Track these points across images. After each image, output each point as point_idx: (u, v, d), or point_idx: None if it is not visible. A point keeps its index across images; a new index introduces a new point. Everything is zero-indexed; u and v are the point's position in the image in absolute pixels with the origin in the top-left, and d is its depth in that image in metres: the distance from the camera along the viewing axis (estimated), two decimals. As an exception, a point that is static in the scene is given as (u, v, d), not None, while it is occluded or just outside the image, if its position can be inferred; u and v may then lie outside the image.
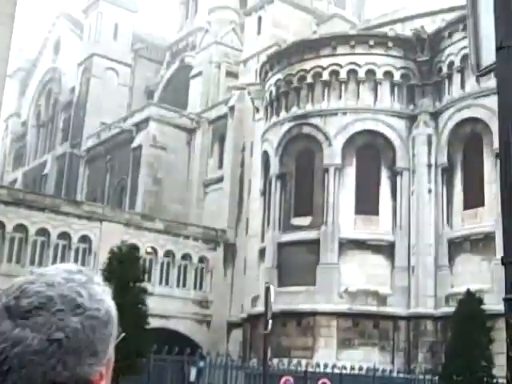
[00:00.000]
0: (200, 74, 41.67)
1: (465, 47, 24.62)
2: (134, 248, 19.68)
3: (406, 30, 29.21)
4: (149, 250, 31.41)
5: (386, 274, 26.08)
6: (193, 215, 37.19)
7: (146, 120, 38.97)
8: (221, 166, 37.27)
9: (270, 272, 27.39)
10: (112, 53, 46.42)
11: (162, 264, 31.93)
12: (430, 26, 28.38)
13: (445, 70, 26.65)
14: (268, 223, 28.76)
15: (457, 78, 26.17)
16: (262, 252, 28.94)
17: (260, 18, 36.80)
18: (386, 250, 26.31)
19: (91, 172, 44.13)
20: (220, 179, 36.25)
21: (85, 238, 30.04)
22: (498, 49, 2.95)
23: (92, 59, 46.20)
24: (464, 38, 24.75)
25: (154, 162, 38.11)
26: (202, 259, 33.31)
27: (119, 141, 40.80)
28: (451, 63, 26.26)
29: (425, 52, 27.49)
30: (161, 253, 31.85)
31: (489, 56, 3.11)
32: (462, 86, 25.91)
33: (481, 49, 3.23)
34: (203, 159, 38.44)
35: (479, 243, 24.08)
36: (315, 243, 26.46)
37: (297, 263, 26.47)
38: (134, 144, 38.91)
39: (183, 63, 46.37)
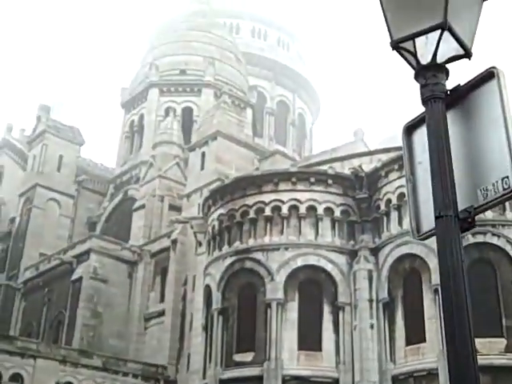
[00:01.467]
0: (143, 206, 41.91)
1: (401, 186, 25.67)
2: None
3: (345, 169, 30.31)
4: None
5: (331, 412, 25.56)
6: (133, 350, 36.17)
7: (87, 252, 38.58)
8: (162, 299, 36.79)
9: (212, 411, 26.51)
10: (55, 184, 46.51)
11: (99, 402, 30.59)
12: (368, 165, 29.59)
13: (383, 207, 27.53)
14: (210, 359, 28.15)
15: (394, 214, 27.02)
16: (203, 389, 28.12)
17: (203, 154, 37.74)
18: (330, 386, 25.92)
19: (27, 305, 42.85)
20: (161, 313, 35.68)
21: (16, 377, 28.69)
22: (437, 217, 3.16)
23: (35, 190, 46.11)
24: (400, 177, 25.87)
25: (94, 294, 37.39)
26: (140, 398, 32.08)
27: (58, 273, 40.06)
28: (388, 201, 27.18)
29: (363, 190, 28.44)
30: (97, 391, 30.61)
31: (428, 221, 3.31)
32: (400, 222, 26.72)
33: (420, 214, 3.43)
34: (144, 292, 37.94)
35: (422, 380, 24.00)
36: (258, 380, 25.89)
37: (239, 400, 25.75)
38: (74, 276, 38.25)
39: (126, 196, 46.68)
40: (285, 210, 28.39)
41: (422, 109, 3.50)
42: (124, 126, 51.74)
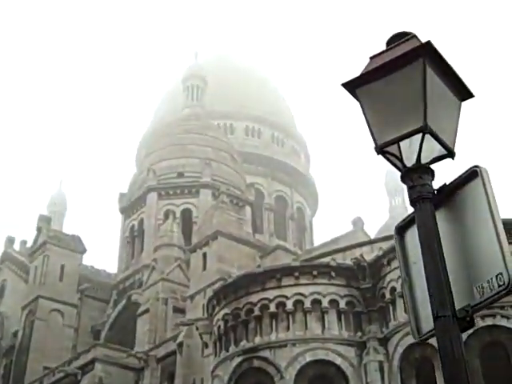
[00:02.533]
0: (147, 311, 41.50)
1: (404, 273, 25.54)
2: None
3: (346, 259, 30.21)
4: None
5: None
6: None
7: (92, 361, 37.87)
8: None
9: None
10: (57, 294, 46.20)
11: None
12: (369, 254, 29.52)
13: (388, 295, 27.27)
14: None
15: (400, 302, 26.73)
16: None
17: (205, 254, 37.71)
18: None
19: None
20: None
21: None
22: (435, 318, 3.18)
23: (37, 301, 45.77)
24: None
25: (100, 405, 36.48)
26: None
27: (64, 386, 39.20)
28: (393, 289, 26.95)
29: (367, 279, 28.26)
30: None
31: (428, 321, 3.34)
32: (406, 310, 26.40)
33: (419, 314, 3.46)
34: (151, 399, 37.03)
35: None
36: None
37: None
38: (80, 388, 37.42)
39: (130, 301, 46.29)
40: (289, 305, 28.11)
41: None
42: (124, 231, 51.95)
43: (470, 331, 24.12)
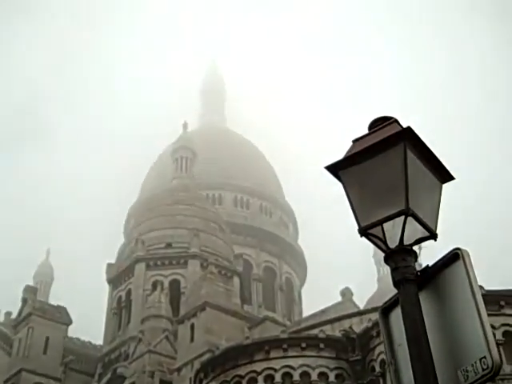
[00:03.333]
0: (133, 384, 40.65)
1: (394, 345, 25.29)
2: None
3: (335, 331, 29.93)
4: None
5: None
6: None
7: None
8: None
9: None
10: (41, 367, 45.13)
11: None
12: (358, 325, 29.31)
13: (378, 368, 26.91)
14: None
15: (390, 376, 26.37)
16: None
17: (193, 326, 37.26)
18: None
19: None
20: None
21: None
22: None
23: (20, 375, 44.68)
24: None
25: None
26: None
27: None
28: (383, 361, 26.59)
29: (356, 351, 27.96)
30: None
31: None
32: None
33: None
34: None
35: None
36: None
37: None
38: None
39: (115, 374, 45.30)
40: (278, 378, 27.67)
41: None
42: (111, 302, 51.36)
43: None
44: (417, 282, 3.52)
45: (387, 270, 70.11)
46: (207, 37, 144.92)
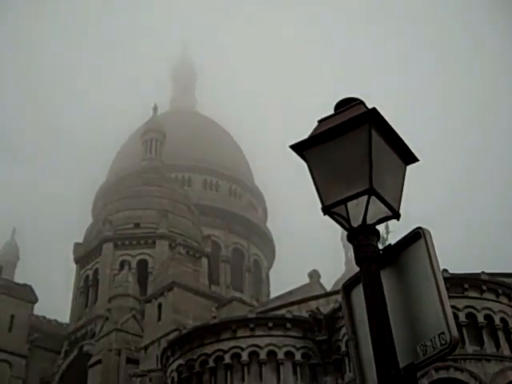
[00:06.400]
0: (99, 362, 40.55)
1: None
2: None
3: (302, 312, 30.21)
4: None
5: None
6: None
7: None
8: None
9: None
10: (6, 344, 44.90)
11: None
12: (325, 306, 29.62)
13: (343, 348, 27.27)
14: None
15: (355, 355, 26.73)
16: None
17: (160, 305, 37.29)
18: None
19: None
20: None
21: None
22: (379, 376, 3.25)
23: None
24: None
25: None
26: None
27: None
28: (349, 341, 26.97)
29: (323, 331, 28.26)
30: None
31: (373, 379, 3.40)
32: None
33: (365, 372, 3.52)
34: None
35: None
36: None
37: None
38: None
39: (82, 351, 45.25)
40: (245, 356, 27.89)
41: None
42: (78, 281, 51.14)
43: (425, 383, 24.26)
44: (379, 261, 3.58)
45: (354, 252, 70.73)
46: (178, 21, 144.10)
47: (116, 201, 52.71)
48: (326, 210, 3.68)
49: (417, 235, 3.53)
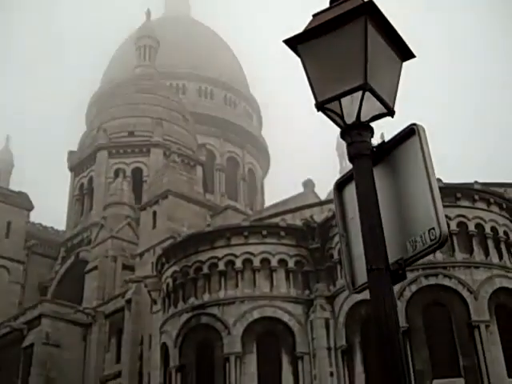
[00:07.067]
0: (96, 268, 41.33)
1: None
2: None
3: (296, 220, 30.53)
4: None
5: None
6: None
7: (39, 317, 37.68)
8: (118, 360, 36.06)
9: None
10: (4, 250, 45.60)
11: None
12: (319, 215, 29.91)
13: (336, 255, 27.72)
14: (168, 420, 27.59)
15: (347, 262, 27.19)
16: None
17: (155, 213, 37.64)
18: None
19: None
20: (118, 374, 34.91)
21: None
22: (369, 271, 3.28)
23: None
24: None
25: (47, 360, 36.36)
26: None
27: (9, 341, 38.93)
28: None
29: (316, 240, 28.65)
30: None
31: (362, 275, 3.44)
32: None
33: (354, 268, 3.56)
34: (100, 354, 37.13)
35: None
36: None
37: None
38: (25, 343, 37.23)
39: (78, 258, 46.03)
40: (238, 263, 28.37)
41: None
42: (73, 189, 51.37)
43: (414, 289, 24.81)
44: (372, 158, 3.55)
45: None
46: None
47: (110, 108, 52.28)
48: (320, 106, 3.61)
49: (411, 132, 3.49)
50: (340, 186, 3.82)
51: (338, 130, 3.70)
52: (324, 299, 27.79)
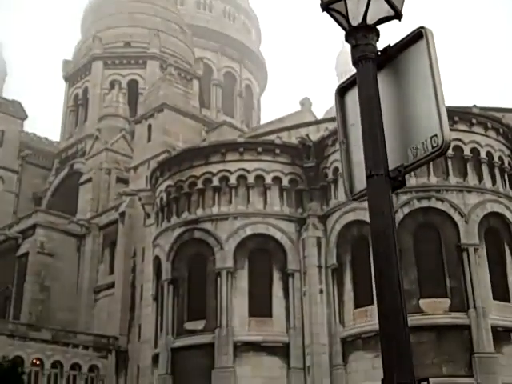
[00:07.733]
0: (90, 180, 41.40)
1: (347, 153, 25.84)
2: (17, 363, 18.77)
3: (292, 138, 30.41)
4: (35, 361, 30.03)
5: (282, 376, 25.97)
6: (82, 323, 36.04)
7: (33, 227, 38.02)
8: (112, 271, 36.64)
9: (165, 379, 26.73)
10: (-2, 160, 45.51)
11: (49, 376, 30.48)
12: (315, 134, 29.75)
13: (330, 175, 27.78)
14: (161, 328, 28.23)
15: (341, 182, 27.20)
16: (155, 358, 28.25)
17: (150, 126, 37.37)
18: (281, 351, 26.30)
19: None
20: (111, 285, 35.54)
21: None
22: (368, 177, 3.21)
23: (-23, 166, 45.07)
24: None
25: (42, 269, 36.94)
26: (92, 368, 32.05)
27: (3, 249, 39.41)
28: (336, 169, 27.43)
29: (311, 158, 28.61)
30: (47, 364, 30.44)
31: (361, 182, 3.37)
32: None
33: (353, 174, 3.48)
34: (93, 265, 37.70)
35: (370, 340, 24.47)
36: (210, 347, 26.13)
37: (192, 369, 25.96)
38: (20, 251, 37.69)
39: (72, 169, 46.03)
40: (233, 180, 28.41)
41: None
42: (68, 99, 50.80)
43: (406, 211, 24.98)
44: (376, 61, 3.42)
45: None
46: None
47: (106, 17, 51.07)
48: (325, 6, 3.46)
49: (418, 35, 3.34)
50: (342, 91, 3.70)
51: (338, 49, 3.55)
52: (317, 218, 27.99)
